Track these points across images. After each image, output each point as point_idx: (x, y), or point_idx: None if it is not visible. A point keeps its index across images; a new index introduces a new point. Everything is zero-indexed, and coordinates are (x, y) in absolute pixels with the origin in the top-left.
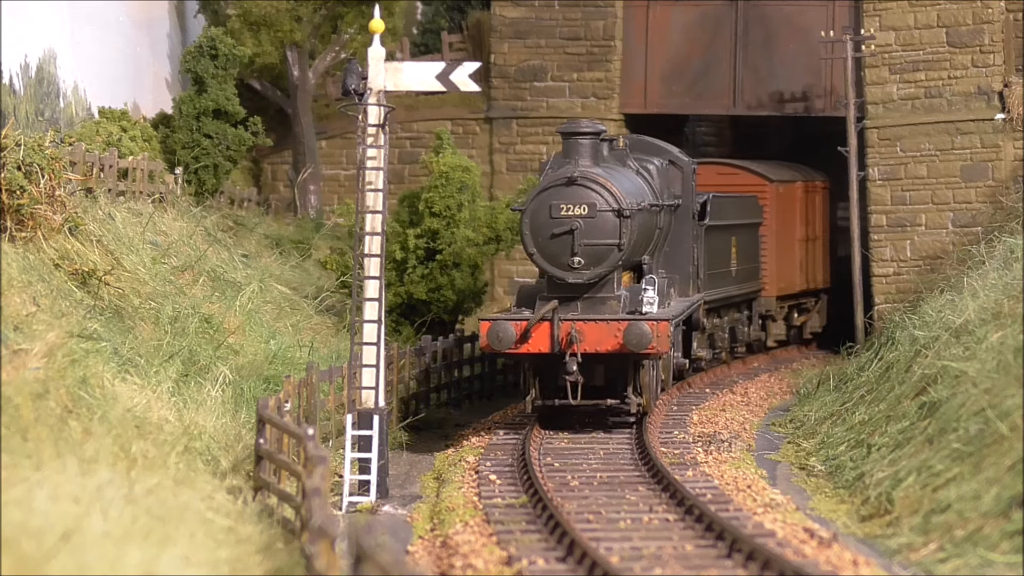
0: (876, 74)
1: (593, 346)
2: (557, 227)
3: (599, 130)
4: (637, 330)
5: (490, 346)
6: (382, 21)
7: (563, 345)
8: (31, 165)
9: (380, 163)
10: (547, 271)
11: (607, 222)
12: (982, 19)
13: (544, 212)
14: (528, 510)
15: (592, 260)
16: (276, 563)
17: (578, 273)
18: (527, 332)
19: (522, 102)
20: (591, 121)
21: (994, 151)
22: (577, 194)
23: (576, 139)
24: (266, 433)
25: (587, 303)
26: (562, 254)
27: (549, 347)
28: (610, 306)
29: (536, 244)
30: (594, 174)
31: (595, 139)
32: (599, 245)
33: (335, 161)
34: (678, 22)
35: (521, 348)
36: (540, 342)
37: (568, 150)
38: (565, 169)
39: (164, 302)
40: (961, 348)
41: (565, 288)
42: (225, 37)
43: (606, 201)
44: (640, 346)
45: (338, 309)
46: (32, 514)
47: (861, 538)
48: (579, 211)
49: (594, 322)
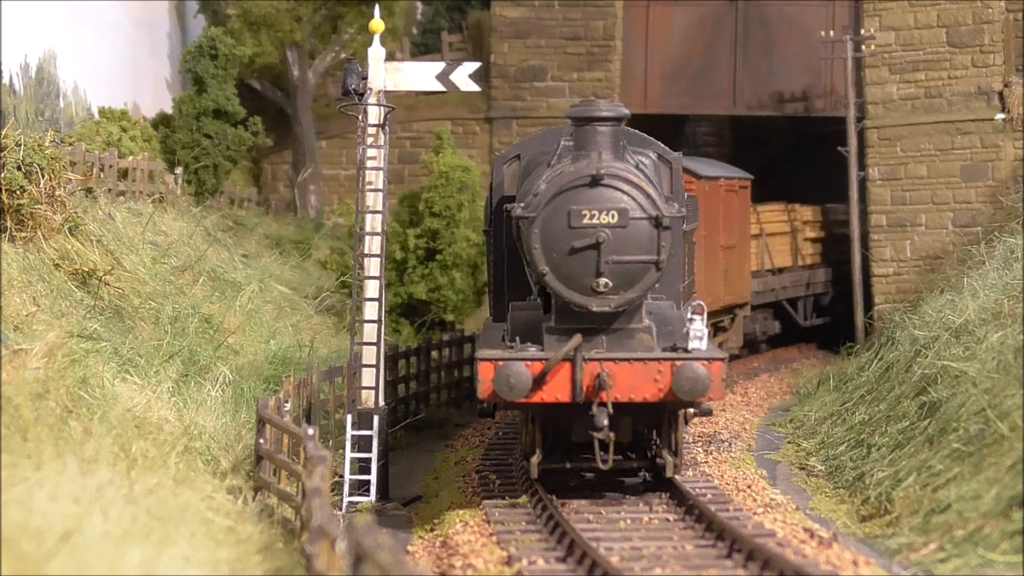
0: (876, 74)
1: (626, 393)
2: (577, 240)
3: (622, 114)
4: (691, 373)
5: (497, 395)
6: (382, 21)
7: (587, 392)
8: (31, 165)
9: (380, 163)
10: (563, 296)
11: (641, 233)
12: (982, 19)
13: (560, 220)
14: (528, 510)
15: (622, 282)
16: (276, 563)
17: (604, 299)
18: (543, 376)
19: (522, 102)
20: (611, 102)
21: (994, 151)
22: (603, 197)
23: (594, 126)
24: (266, 433)
25: (612, 337)
26: (584, 274)
27: (570, 395)
28: (640, 340)
29: (549, 262)
30: (622, 170)
31: (617, 126)
32: (632, 262)
33: (335, 161)
34: (678, 22)
35: (534, 397)
36: (557, 388)
37: (583, 140)
38: (582, 165)
39: (164, 302)
40: (961, 348)
41: (583, 318)
42: (225, 37)
43: (640, 206)
44: (694, 393)
45: (338, 309)
46: (32, 514)
47: (861, 538)
48: (606, 218)
49: (628, 362)
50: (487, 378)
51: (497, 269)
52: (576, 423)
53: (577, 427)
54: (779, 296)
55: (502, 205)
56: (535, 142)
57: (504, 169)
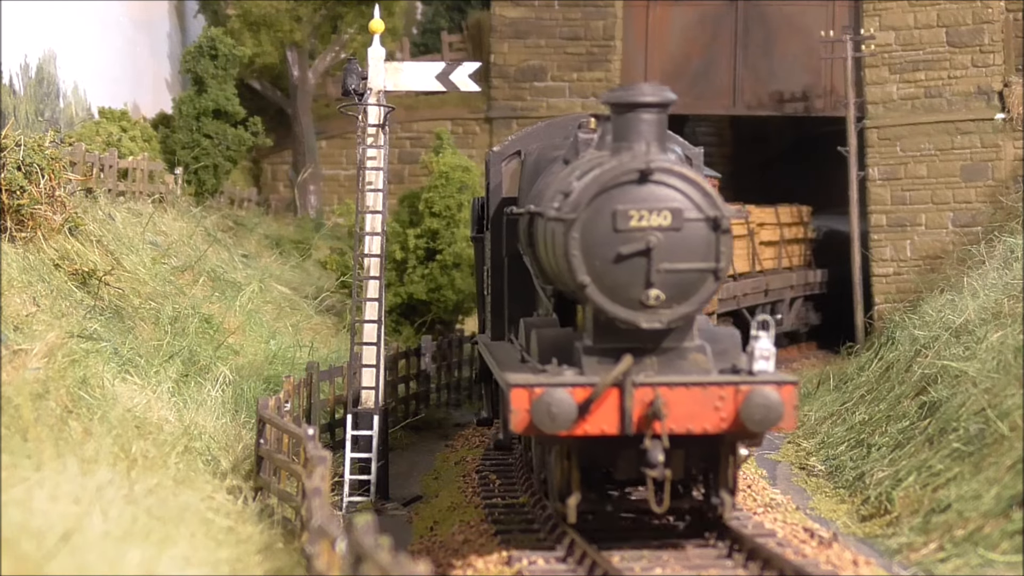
0: (876, 74)
1: (683, 423)
2: (624, 245)
3: (668, 99)
4: (763, 400)
5: (536, 427)
6: (382, 21)
7: (638, 423)
8: (31, 165)
9: (380, 163)
10: (607, 311)
11: (698, 236)
12: (982, 19)
13: (604, 223)
14: (527, 509)
15: (675, 293)
16: (276, 563)
17: (655, 314)
18: (587, 405)
19: (522, 102)
20: (655, 85)
21: (994, 151)
22: (654, 195)
23: (638, 114)
24: (266, 433)
25: (663, 358)
26: (631, 285)
27: (618, 426)
28: (694, 362)
29: (591, 270)
30: (674, 164)
31: (663, 113)
32: (686, 271)
33: (335, 161)
34: (678, 22)
35: (577, 429)
36: (603, 419)
37: (624, 129)
38: (626, 158)
39: (164, 302)
40: (961, 348)
41: (628, 336)
42: (225, 37)
43: (696, 205)
44: (766, 423)
45: (338, 309)
46: (32, 514)
47: (861, 538)
48: (658, 220)
49: (684, 387)
50: (521, 408)
51: (497, 280)
52: (621, 458)
53: (622, 463)
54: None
55: (503, 208)
56: (535, 137)
57: (503, 168)
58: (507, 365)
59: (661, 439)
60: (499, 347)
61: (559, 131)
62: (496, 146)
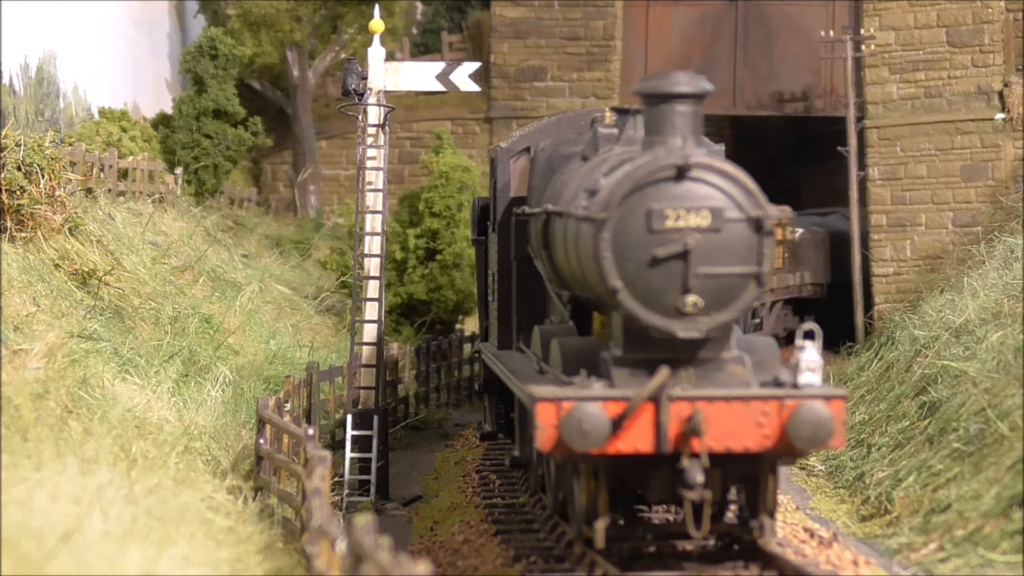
0: (876, 74)
1: (723, 441)
2: (660, 247)
3: (704, 90)
4: (812, 416)
5: (566, 444)
6: (382, 21)
7: (674, 440)
8: (31, 165)
9: (380, 163)
10: (640, 318)
11: (739, 238)
12: (982, 19)
13: (637, 223)
14: (527, 509)
15: (714, 300)
16: (276, 563)
17: (692, 322)
18: (620, 420)
19: (522, 102)
20: (691, 74)
21: (994, 151)
22: (692, 193)
23: (672, 105)
24: (266, 433)
25: (700, 370)
26: (667, 290)
27: (653, 444)
28: (733, 373)
29: (623, 274)
30: (714, 160)
31: (699, 104)
32: (726, 276)
33: (335, 161)
34: (678, 22)
35: (609, 447)
36: (637, 436)
37: (657, 122)
38: (661, 153)
39: (164, 302)
40: (961, 348)
41: (662, 346)
42: (225, 37)
43: (737, 204)
44: (815, 441)
45: (338, 309)
46: (32, 514)
47: (861, 538)
48: (697, 220)
49: (724, 402)
50: (549, 424)
51: (504, 285)
52: (653, 478)
53: (655, 483)
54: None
55: (511, 209)
56: (546, 132)
57: (511, 165)
58: (524, 377)
59: (700, 458)
60: (509, 357)
61: (571, 126)
62: (503, 142)
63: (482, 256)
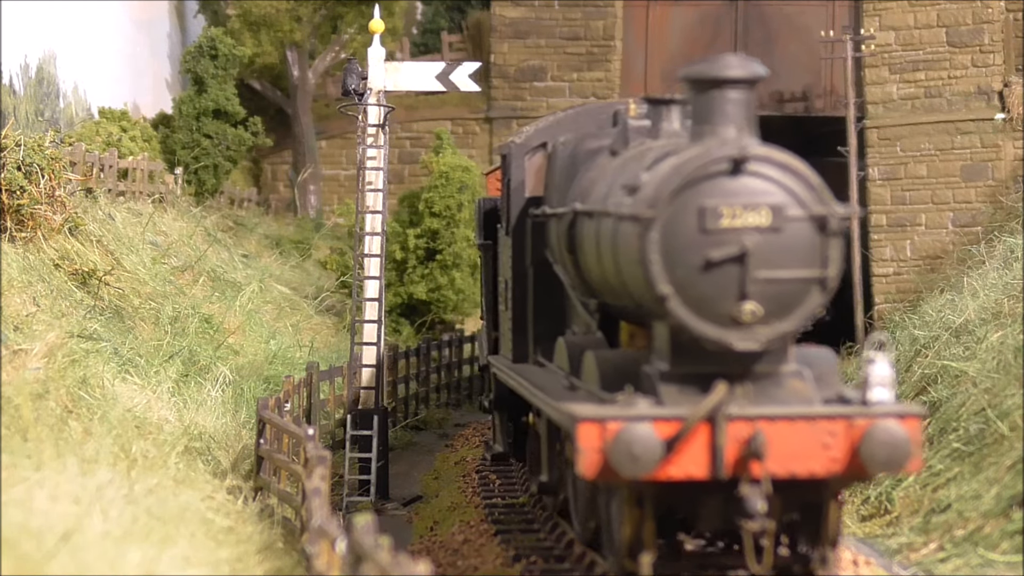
0: (876, 74)
1: (786, 465)
2: (714, 249)
3: (758, 74)
4: (887, 437)
5: (614, 470)
6: (382, 21)
7: (733, 465)
8: (31, 165)
9: (380, 163)
10: (691, 328)
11: (801, 238)
12: (982, 19)
13: (688, 222)
14: (527, 509)
15: (775, 308)
16: (276, 563)
17: (750, 333)
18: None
19: (522, 102)
20: (743, 58)
21: (994, 151)
22: (749, 188)
23: (723, 92)
24: (266, 434)
25: (757, 386)
26: (722, 297)
27: (708, 469)
28: (793, 389)
29: (673, 279)
30: (772, 151)
31: (752, 91)
32: (788, 281)
33: (335, 161)
34: (678, 22)
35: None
36: (690, 460)
37: (707, 110)
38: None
39: (164, 302)
40: (961, 348)
41: (714, 359)
42: (225, 37)
43: (799, 201)
44: (891, 464)
45: (338, 309)
46: (32, 514)
47: (861, 538)
48: (755, 219)
49: (788, 421)
50: (593, 448)
51: (518, 293)
52: (705, 506)
53: (706, 511)
54: None
55: (527, 210)
56: (563, 126)
57: (526, 163)
58: (554, 394)
59: (761, 484)
60: (528, 371)
61: (590, 120)
62: (516, 137)
63: (490, 262)
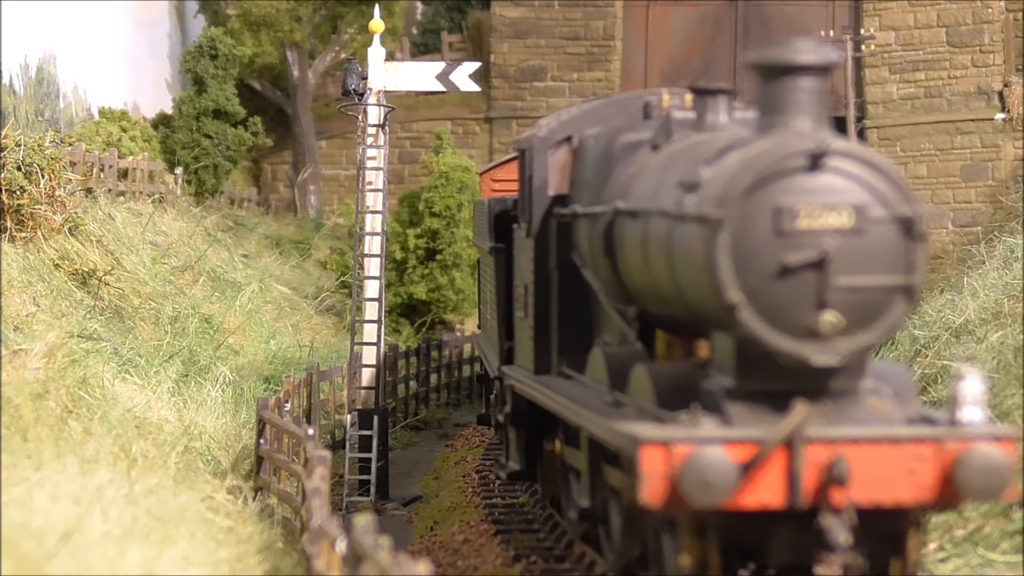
0: (876, 74)
1: (871, 493)
2: (790, 253)
3: (832, 61)
4: (985, 463)
5: (683, 499)
6: (382, 21)
7: (814, 493)
8: (31, 165)
9: (380, 163)
10: (764, 341)
11: (885, 242)
12: (982, 19)
13: (761, 223)
14: (527, 509)
15: (855, 319)
16: (276, 563)
17: (829, 346)
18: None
19: (522, 102)
20: (814, 42)
21: (994, 151)
22: (829, 186)
23: (795, 80)
24: (266, 434)
25: (836, 404)
26: (798, 307)
27: (785, 497)
28: (872, 408)
29: (745, 286)
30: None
31: (827, 79)
32: (871, 289)
33: (335, 161)
34: (678, 22)
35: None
36: (765, 487)
37: (777, 100)
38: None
39: (164, 302)
40: (961, 348)
41: (787, 375)
42: (225, 37)
43: (882, 200)
44: (989, 493)
45: (338, 309)
46: (32, 514)
47: None
48: (836, 220)
49: (872, 443)
50: (658, 474)
51: (541, 299)
52: (776, 537)
53: (777, 543)
54: None
55: (552, 209)
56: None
57: (549, 159)
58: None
59: (845, 513)
60: (556, 384)
61: (619, 112)
62: (537, 130)
63: (502, 266)
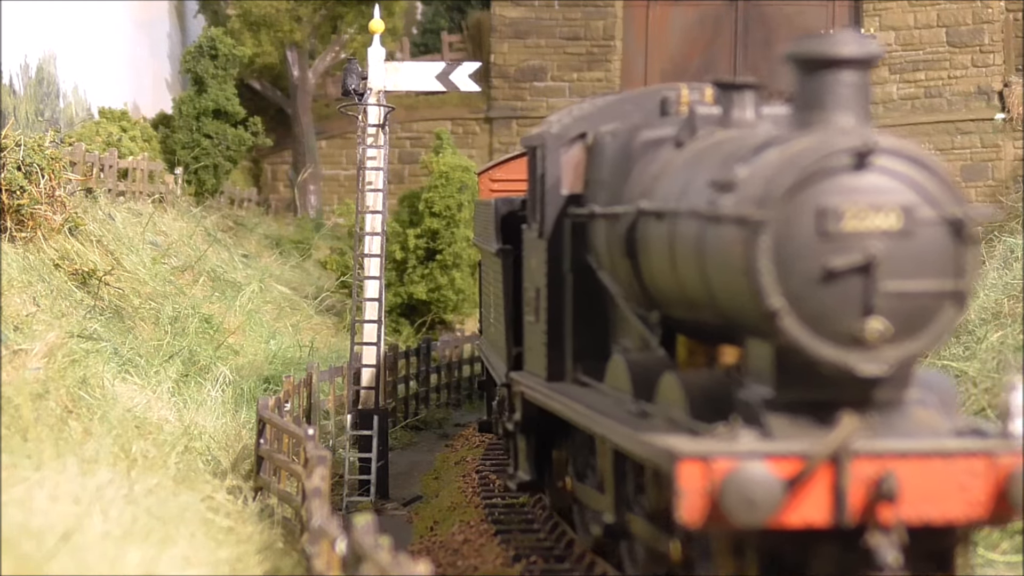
0: (876, 74)
1: (920, 510)
2: (835, 256)
3: (875, 54)
4: None
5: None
6: (382, 21)
7: (861, 510)
8: (31, 165)
9: (380, 163)
10: (806, 349)
11: (934, 245)
12: (982, 19)
13: (804, 225)
14: (528, 510)
15: (903, 326)
16: (276, 563)
17: (876, 354)
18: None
19: (522, 102)
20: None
21: (994, 151)
22: (876, 186)
23: (836, 74)
24: (266, 434)
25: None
26: (843, 313)
27: (831, 515)
28: (919, 420)
29: (786, 291)
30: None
31: (867, 73)
32: (920, 294)
33: (335, 161)
34: (678, 22)
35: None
36: (810, 504)
37: (817, 94)
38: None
39: (164, 302)
40: (961, 348)
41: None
42: (225, 37)
43: (931, 202)
44: None
45: (338, 309)
46: (32, 514)
47: None
48: (883, 221)
49: (920, 457)
50: (698, 490)
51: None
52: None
53: (820, 562)
54: None
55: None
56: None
57: (562, 157)
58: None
59: (894, 532)
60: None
61: (635, 107)
62: (549, 126)
63: (510, 269)
